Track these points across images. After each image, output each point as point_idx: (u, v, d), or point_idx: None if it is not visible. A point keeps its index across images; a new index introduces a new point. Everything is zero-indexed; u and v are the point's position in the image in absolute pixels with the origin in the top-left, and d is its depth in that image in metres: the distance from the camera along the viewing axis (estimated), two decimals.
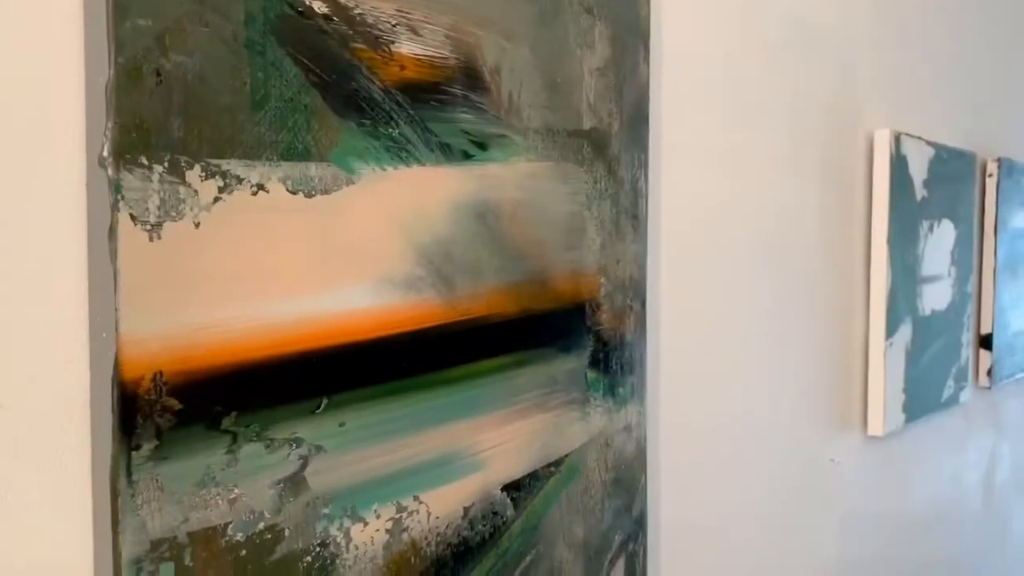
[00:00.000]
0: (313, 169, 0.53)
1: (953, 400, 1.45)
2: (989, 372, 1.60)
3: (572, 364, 0.73)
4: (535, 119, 0.68)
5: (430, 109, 0.60)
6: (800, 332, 1.10)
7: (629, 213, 0.78)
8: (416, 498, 0.60)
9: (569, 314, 0.72)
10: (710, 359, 0.94)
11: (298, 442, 0.53)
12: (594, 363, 0.75)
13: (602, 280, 0.76)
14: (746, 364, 0.99)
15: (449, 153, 0.61)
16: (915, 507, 1.42)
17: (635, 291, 0.79)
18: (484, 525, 0.65)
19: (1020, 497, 1.90)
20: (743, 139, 0.98)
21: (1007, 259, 1.63)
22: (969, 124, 1.54)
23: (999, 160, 1.58)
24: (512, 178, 0.66)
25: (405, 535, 0.60)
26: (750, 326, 1.00)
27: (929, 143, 1.31)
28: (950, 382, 1.43)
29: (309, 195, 0.53)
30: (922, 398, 1.33)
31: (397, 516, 0.59)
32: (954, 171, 1.40)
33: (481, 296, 0.64)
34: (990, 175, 1.59)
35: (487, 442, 0.66)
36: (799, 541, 1.11)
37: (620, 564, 0.78)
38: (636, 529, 0.80)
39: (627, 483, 0.79)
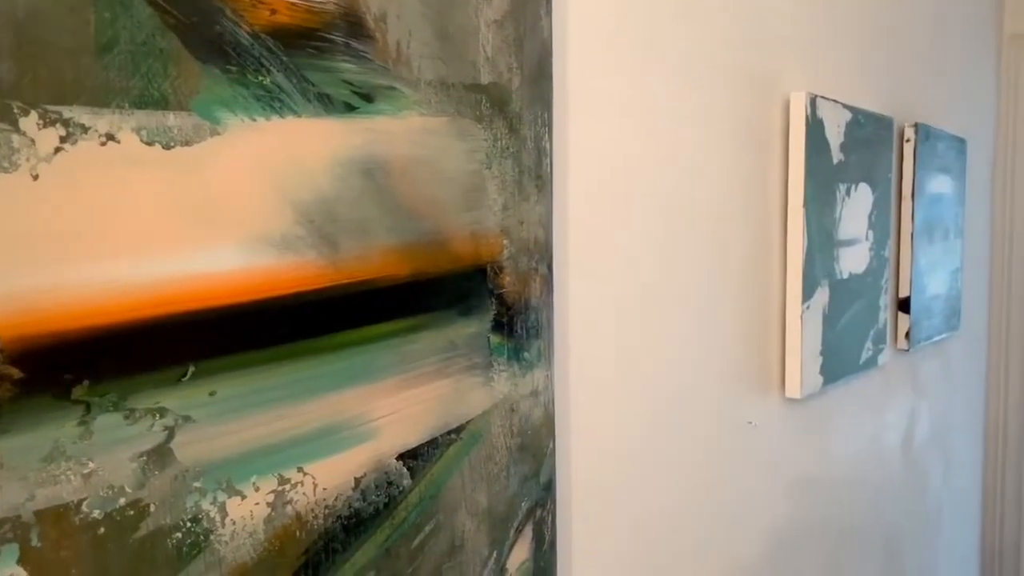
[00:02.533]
0: (171, 119, 0.49)
1: (872, 362, 1.47)
2: (907, 335, 1.63)
3: (473, 328, 0.70)
4: (427, 71, 0.65)
5: (307, 57, 0.56)
6: (716, 295, 1.09)
7: (533, 173, 0.76)
8: (301, 469, 0.57)
9: (469, 277, 0.70)
10: (623, 322, 0.92)
11: (162, 412, 0.50)
12: (497, 327, 0.73)
13: (505, 242, 0.73)
14: (660, 327, 0.98)
15: (330, 105, 0.58)
16: (835, 468, 1.44)
17: (541, 253, 0.77)
18: (378, 495, 0.63)
19: (938, 457, 1.95)
20: (655, 99, 0.96)
21: (924, 223, 1.66)
22: (887, 89, 1.55)
23: (916, 125, 1.60)
24: (403, 133, 0.63)
25: (289, 508, 0.57)
26: (664, 289, 0.99)
27: (846, 106, 1.31)
28: (868, 345, 1.45)
29: (167, 147, 0.49)
30: (840, 360, 1.35)
31: (279, 488, 0.56)
32: (871, 135, 1.41)
33: (370, 258, 0.61)
34: (908, 140, 1.60)
35: (380, 410, 0.63)
36: (716, 504, 1.11)
37: (527, 531, 0.77)
38: (544, 495, 0.79)
39: (534, 449, 0.77)
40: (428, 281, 0.66)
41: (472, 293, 0.70)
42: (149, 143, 0.48)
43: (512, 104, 0.73)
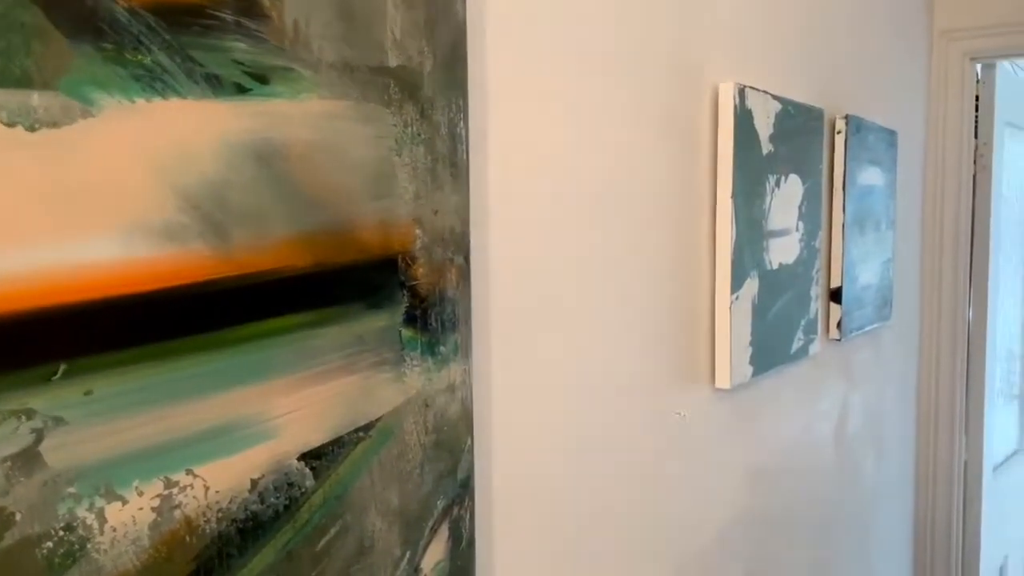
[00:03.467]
0: (36, 99, 0.46)
1: (803, 352, 1.48)
2: (839, 325, 1.64)
3: (383, 322, 0.68)
4: (329, 53, 0.62)
5: (192, 35, 0.53)
6: (644, 286, 1.08)
7: (447, 160, 0.73)
8: (190, 472, 0.54)
9: (378, 268, 0.67)
10: (548, 314, 0.91)
11: (29, 414, 0.46)
12: (410, 320, 0.70)
13: (417, 232, 0.71)
14: (586, 319, 0.97)
15: (219, 86, 0.55)
16: (767, 458, 1.45)
17: (457, 244, 0.75)
18: (278, 497, 0.60)
19: (871, 443, 1.98)
20: (580, 87, 0.94)
21: (855, 215, 1.68)
22: (818, 80, 1.56)
23: (847, 117, 1.62)
24: (302, 117, 0.60)
25: (177, 512, 0.54)
26: (590, 280, 0.97)
27: (775, 97, 1.31)
28: (799, 335, 1.46)
29: (32, 128, 0.46)
30: (770, 351, 1.35)
31: (166, 492, 0.53)
32: (802, 126, 1.42)
33: (267, 248, 0.58)
34: (839, 132, 1.62)
35: (280, 408, 0.60)
36: (644, 496, 1.11)
37: (443, 530, 0.75)
38: (462, 493, 0.77)
39: (451, 445, 0.75)
40: (332, 272, 0.63)
41: (381, 285, 0.67)
42: (10, 124, 0.45)
43: (424, 89, 0.70)
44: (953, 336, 2.31)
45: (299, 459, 0.61)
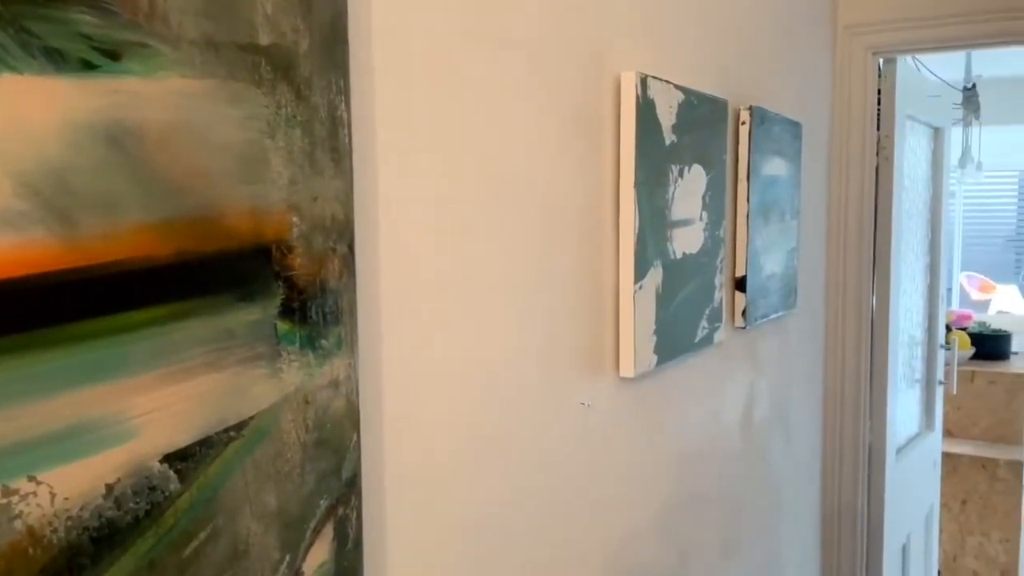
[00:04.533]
0: None
1: (708, 341, 1.50)
2: (744, 313, 1.67)
3: (256, 315, 0.64)
4: (190, 29, 0.58)
5: (29, 5, 0.49)
6: (546, 275, 1.07)
7: (327, 144, 0.70)
8: (33, 478, 0.50)
9: (249, 258, 0.64)
10: (444, 304, 0.88)
11: None
12: (286, 313, 0.67)
13: (294, 219, 0.67)
14: (485, 309, 0.95)
15: (61, 62, 0.51)
16: (674, 445, 1.46)
17: (339, 232, 0.72)
18: (137, 502, 0.56)
19: (778, 428, 2.03)
20: (477, 72, 0.92)
21: (760, 205, 1.70)
22: (722, 72, 1.58)
23: (752, 108, 1.64)
24: (160, 96, 0.56)
25: (18, 523, 0.50)
26: (489, 270, 0.95)
27: (678, 87, 1.32)
28: (704, 323, 1.47)
29: None
30: (675, 339, 1.36)
31: (4, 501, 0.49)
32: (705, 117, 1.43)
33: (120, 236, 0.54)
34: (743, 123, 1.64)
35: (138, 408, 0.56)
36: (549, 489, 1.10)
37: (328, 530, 0.72)
38: (347, 492, 0.74)
39: (335, 443, 0.72)
40: (196, 262, 0.59)
41: (253, 276, 0.64)
42: None
43: (299, 69, 0.67)
44: (857, 323, 2.38)
45: (162, 461, 0.58)
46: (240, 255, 0.63)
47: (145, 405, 0.57)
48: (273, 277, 0.66)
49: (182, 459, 0.59)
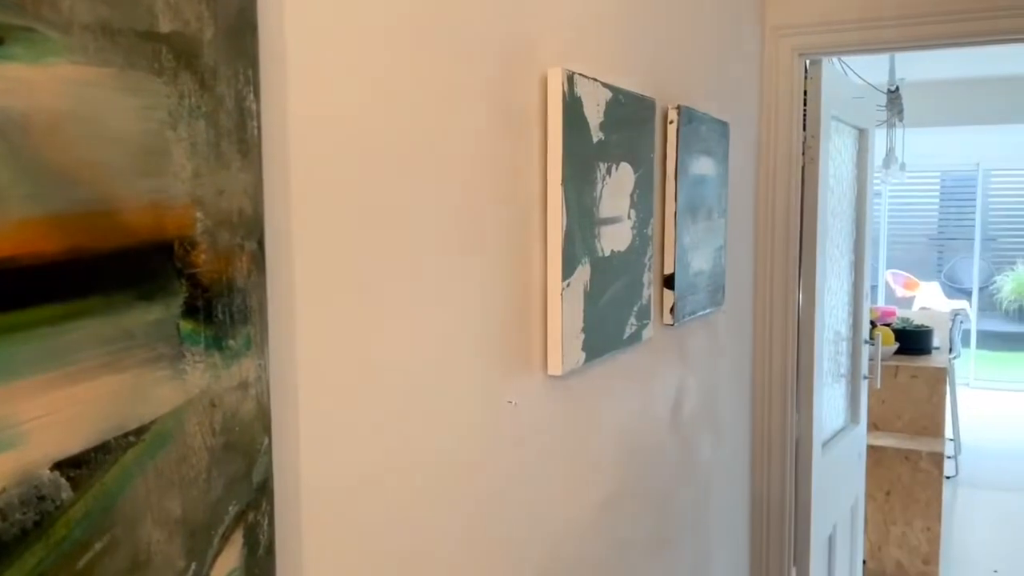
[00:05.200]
0: None
1: (636, 338, 1.50)
2: (672, 310, 1.68)
3: (157, 314, 0.62)
4: (83, 13, 0.55)
5: None
6: (470, 273, 1.05)
7: (234, 136, 0.68)
8: None
9: (148, 254, 0.61)
10: (363, 303, 0.86)
11: None
12: (190, 312, 0.64)
13: (198, 214, 0.65)
14: (408, 307, 0.93)
15: None
16: (604, 443, 1.46)
17: (248, 227, 0.69)
18: (25, 513, 0.53)
19: (708, 423, 2.05)
20: (398, 66, 0.90)
21: (687, 203, 1.72)
22: (650, 71, 1.59)
23: (679, 108, 1.65)
24: (47, 84, 0.53)
25: None
26: (411, 267, 0.94)
27: (606, 85, 1.32)
28: (633, 320, 1.48)
29: None
30: (604, 337, 1.36)
31: None
32: (633, 115, 1.43)
33: (4, 231, 0.51)
34: (671, 122, 1.65)
35: (26, 413, 0.53)
36: (476, 490, 1.09)
37: (237, 537, 0.69)
38: (258, 497, 0.71)
39: (244, 447, 0.70)
40: (91, 259, 0.56)
41: (153, 273, 0.61)
42: None
43: (203, 58, 0.64)
44: (784, 320, 2.43)
45: (52, 469, 0.55)
46: (139, 251, 0.60)
47: (34, 409, 0.54)
48: (175, 275, 0.63)
49: (75, 466, 0.56)
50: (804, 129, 2.42)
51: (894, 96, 4.35)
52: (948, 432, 5.57)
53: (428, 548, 0.99)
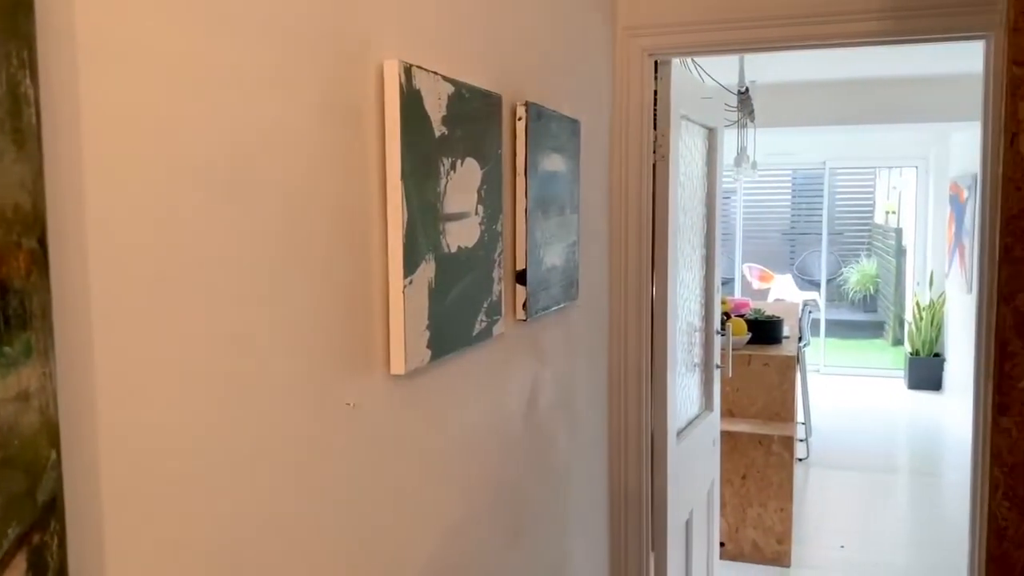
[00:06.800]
0: None
1: (486, 334, 1.50)
2: (525, 305, 1.69)
3: None
4: None
5: None
6: (305, 270, 1.02)
7: (7, 125, 0.62)
8: None
9: None
10: (176, 304, 0.81)
11: None
12: None
13: None
14: (227, 310, 0.89)
15: None
16: (454, 440, 1.45)
17: (25, 224, 0.64)
18: None
19: (564, 417, 2.08)
20: (216, 54, 0.85)
21: (538, 199, 1.73)
22: (497, 67, 1.58)
23: (527, 104, 1.66)
24: None
25: None
26: (232, 266, 0.89)
27: (448, 79, 1.30)
28: (482, 317, 1.47)
29: None
30: (450, 333, 1.35)
31: None
32: (478, 111, 1.42)
33: None
34: (520, 118, 1.65)
35: None
36: (313, 499, 1.05)
37: (19, 562, 0.63)
38: (45, 517, 0.66)
39: (25, 463, 0.64)
40: None
41: None
42: None
43: None
44: (639, 313, 2.50)
45: None
46: None
47: None
48: None
49: None
50: (655, 128, 2.49)
51: (744, 97, 4.56)
52: (800, 416, 5.90)
53: (255, 563, 0.95)
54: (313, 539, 1.05)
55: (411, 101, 1.19)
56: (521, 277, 1.68)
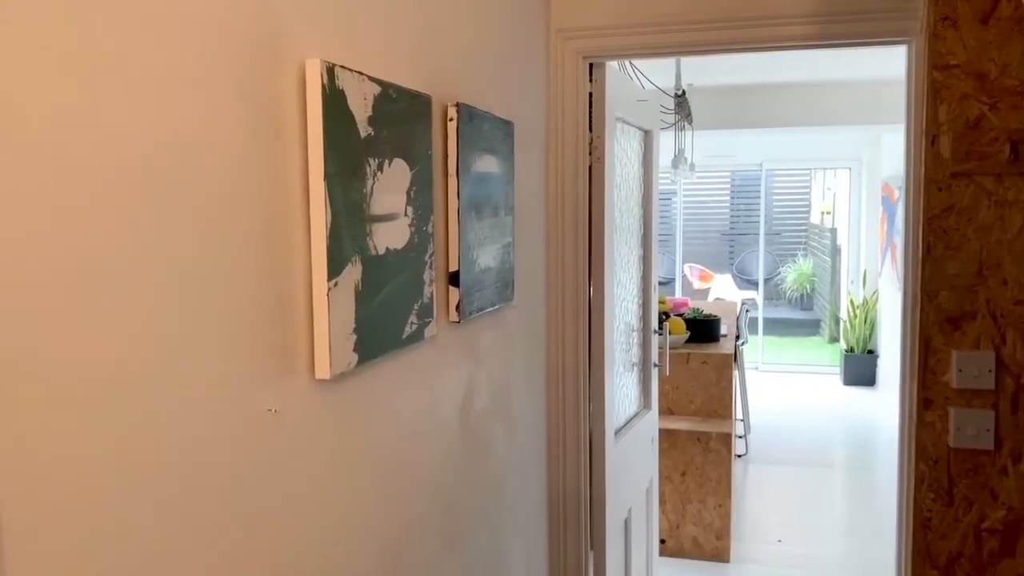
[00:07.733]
0: None
1: (417, 336, 1.49)
2: (458, 307, 1.68)
3: None
4: None
5: None
6: (221, 274, 0.99)
7: None
8: None
9: None
10: (73, 305, 0.79)
11: None
12: None
13: None
14: (138, 315, 0.86)
15: None
16: (383, 445, 1.43)
17: None
18: None
19: (501, 419, 2.08)
20: (120, 50, 0.83)
21: (471, 201, 1.72)
22: (427, 67, 1.57)
23: (458, 105, 1.65)
24: None
25: None
26: (143, 268, 0.87)
27: (373, 79, 1.29)
28: (413, 319, 1.46)
29: None
30: (379, 337, 1.33)
31: None
32: (406, 111, 1.41)
33: None
34: (450, 119, 1.65)
35: None
36: (234, 507, 1.02)
37: None
38: None
39: None
40: None
41: None
42: None
43: None
44: (576, 313, 2.51)
45: None
46: None
47: None
48: None
49: None
50: (590, 130, 2.50)
51: (681, 100, 4.62)
52: (739, 413, 6.01)
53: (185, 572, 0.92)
54: (236, 553, 1.03)
55: (334, 101, 1.18)
56: (454, 279, 1.68)
